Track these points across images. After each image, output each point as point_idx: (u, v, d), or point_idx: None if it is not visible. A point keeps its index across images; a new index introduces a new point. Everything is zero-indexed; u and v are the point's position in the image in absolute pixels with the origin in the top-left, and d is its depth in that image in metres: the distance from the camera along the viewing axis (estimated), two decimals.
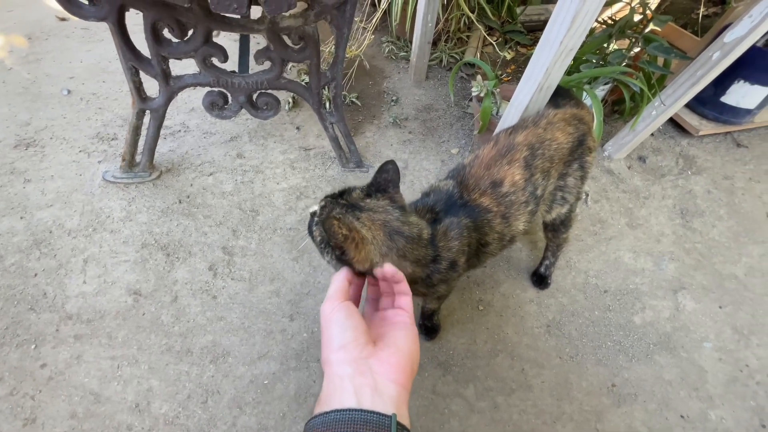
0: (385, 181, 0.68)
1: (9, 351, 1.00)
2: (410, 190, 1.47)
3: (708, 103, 1.70)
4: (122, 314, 1.09)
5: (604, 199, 1.52)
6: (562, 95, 1.07)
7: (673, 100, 1.39)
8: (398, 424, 0.40)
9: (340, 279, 0.55)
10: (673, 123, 1.81)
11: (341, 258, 0.60)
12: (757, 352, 1.17)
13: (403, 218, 0.66)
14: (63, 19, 2.00)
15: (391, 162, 0.68)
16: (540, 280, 1.25)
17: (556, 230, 1.10)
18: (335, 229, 0.56)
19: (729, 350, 1.17)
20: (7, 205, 1.26)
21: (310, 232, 0.68)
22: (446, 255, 0.74)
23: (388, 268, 0.55)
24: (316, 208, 0.68)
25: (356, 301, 0.59)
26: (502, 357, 1.11)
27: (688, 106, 1.75)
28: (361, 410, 0.40)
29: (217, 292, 1.16)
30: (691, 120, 1.74)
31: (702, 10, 1.83)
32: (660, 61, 1.44)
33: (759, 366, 1.15)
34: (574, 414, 1.03)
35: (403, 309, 0.54)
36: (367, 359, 0.45)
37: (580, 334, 1.17)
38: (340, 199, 0.66)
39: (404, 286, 0.56)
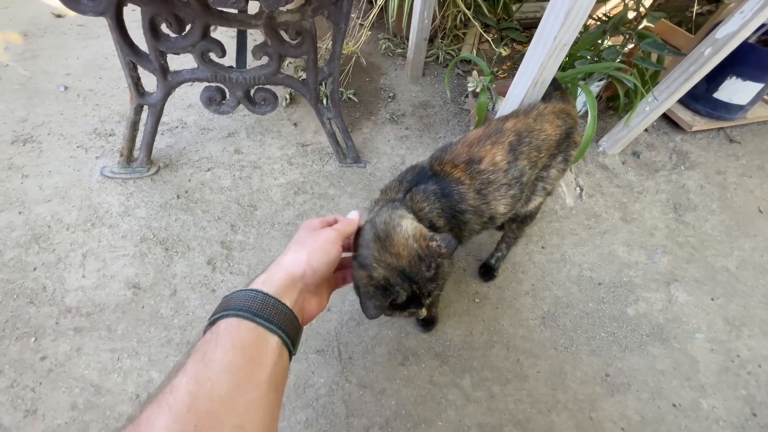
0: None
1: (9, 344, 1.01)
2: None
3: (701, 99, 1.72)
4: (122, 307, 1.10)
5: (598, 194, 1.54)
6: (553, 85, 1.08)
7: (666, 96, 1.41)
8: (268, 294, 0.52)
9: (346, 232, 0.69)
10: (667, 119, 1.83)
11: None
12: (748, 343, 1.20)
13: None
14: (59, 16, 2.00)
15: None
16: (488, 271, 1.24)
17: (523, 222, 1.10)
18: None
19: (721, 341, 1.19)
20: (5, 200, 1.26)
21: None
22: (423, 216, 0.80)
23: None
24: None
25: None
26: (497, 348, 1.12)
27: (681, 102, 1.77)
28: (249, 289, 0.54)
29: (215, 286, 1.17)
30: (685, 116, 1.76)
31: (696, 8, 1.85)
32: (653, 57, 1.46)
33: (750, 356, 1.17)
34: (568, 403, 1.04)
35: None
36: (279, 262, 0.59)
37: (575, 325, 1.19)
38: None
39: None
